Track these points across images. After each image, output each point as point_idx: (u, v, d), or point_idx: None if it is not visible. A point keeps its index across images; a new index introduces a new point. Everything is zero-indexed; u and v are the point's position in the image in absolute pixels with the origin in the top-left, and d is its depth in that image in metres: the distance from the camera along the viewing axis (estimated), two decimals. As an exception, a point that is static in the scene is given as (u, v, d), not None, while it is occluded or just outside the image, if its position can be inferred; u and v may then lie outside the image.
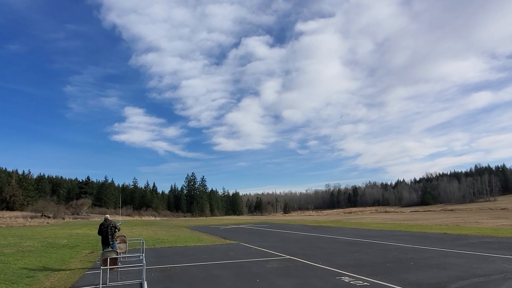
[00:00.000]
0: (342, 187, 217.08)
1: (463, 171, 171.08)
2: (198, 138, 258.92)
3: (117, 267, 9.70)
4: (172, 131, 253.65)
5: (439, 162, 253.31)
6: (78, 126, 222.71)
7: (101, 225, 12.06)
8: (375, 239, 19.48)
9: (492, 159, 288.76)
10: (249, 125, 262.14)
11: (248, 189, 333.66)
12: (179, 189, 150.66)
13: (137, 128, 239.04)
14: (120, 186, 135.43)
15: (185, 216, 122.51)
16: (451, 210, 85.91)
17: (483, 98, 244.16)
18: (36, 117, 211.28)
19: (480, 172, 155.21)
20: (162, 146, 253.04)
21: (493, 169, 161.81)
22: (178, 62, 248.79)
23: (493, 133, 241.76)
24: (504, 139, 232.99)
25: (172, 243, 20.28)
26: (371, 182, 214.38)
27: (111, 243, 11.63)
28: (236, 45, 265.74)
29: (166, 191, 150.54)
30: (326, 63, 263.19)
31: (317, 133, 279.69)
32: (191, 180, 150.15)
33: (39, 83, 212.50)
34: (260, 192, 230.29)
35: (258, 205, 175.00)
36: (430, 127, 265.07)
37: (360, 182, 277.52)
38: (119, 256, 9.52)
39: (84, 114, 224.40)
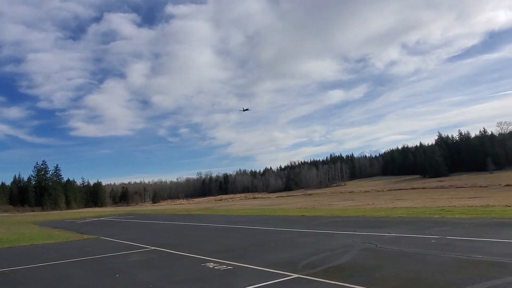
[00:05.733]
0: (214, 175, 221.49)
1: (321, 159, 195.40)
2: (50, 122, 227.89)
3: None
4: (15, 112, 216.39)
5: (301, 151, 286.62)
6: None
7: None
8: (242, 224, 20.45)
9: (343, 149, 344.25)
10: (114, 109, 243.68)
11: (112, 179, 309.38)
12: (26, 180, 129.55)
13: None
14: None
15: (33, 211, 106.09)
16: (310, 194, 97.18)
17: (337, 95, 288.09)
18: None
19: (334, 160, 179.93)
20: (1, 129, 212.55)
21: (344, 157, 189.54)
22: (22, 30, 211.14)
23: (345, 127, 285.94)
24: (352, 132, 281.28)
25: (14, 243, 17.28)
26: (241, 170, 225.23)
27: None
28: (98, 19, 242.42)
29: (8, 182, 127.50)
30: (198, 50, 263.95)
31: (189, 120, 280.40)
32: (41, 170, 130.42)
33: None
34: (126, 181, 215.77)
35: (123, 195, 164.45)
36: (294, 119, 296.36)
37: (231, 170, 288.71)
38: None
39: None
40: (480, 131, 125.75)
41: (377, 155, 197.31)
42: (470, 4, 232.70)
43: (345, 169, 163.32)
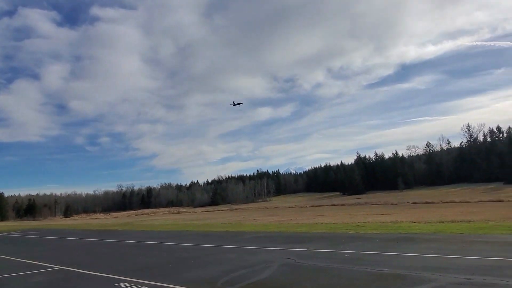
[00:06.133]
0: (136, 188, 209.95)
1: (248, 175, 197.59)
2: None
3: None
4: None
5: (229, 166, 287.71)
6: None
7: None
8: (163, 240, 19.59)
9: (270, 165, 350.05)
10: (24, 113, 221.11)
11: (18, 189, 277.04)
12: None
13: None
14: None
15: None
16: (236, 209, 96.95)
17: (265, 113, 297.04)
18: None
19: (260, 176, 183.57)
20: None
21: (270, 173, 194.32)
22: None
23: (272, 143, 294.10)
24: (279, 149, 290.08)
25: None
26: (166, 183, 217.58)
27: None
28: (10, 13, 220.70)
29: None
30: (125, 56, 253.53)
31: (111, 129, 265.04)
32: None
33: None
34: (34, 192, 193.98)
35: (30, 208, 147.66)
36: (223, 133, 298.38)
37: (155, 183, 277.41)
38: None
39: None
40: (392, 153, 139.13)
41: (302, 172, 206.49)
42: (386, 38, 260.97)
43: (271, 185, 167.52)
